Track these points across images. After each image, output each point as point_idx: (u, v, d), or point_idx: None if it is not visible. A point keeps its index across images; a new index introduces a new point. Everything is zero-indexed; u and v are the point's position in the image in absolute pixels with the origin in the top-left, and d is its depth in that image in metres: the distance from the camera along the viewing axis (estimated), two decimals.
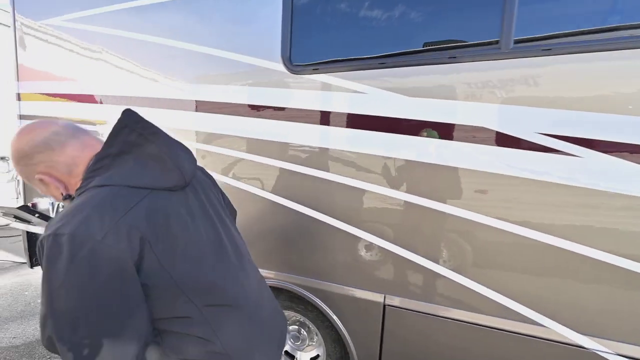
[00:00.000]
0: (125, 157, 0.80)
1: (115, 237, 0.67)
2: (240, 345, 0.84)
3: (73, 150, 0.81)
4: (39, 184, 0.83)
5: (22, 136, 0.81)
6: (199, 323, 0.79)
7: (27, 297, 3.15)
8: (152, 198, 0.78)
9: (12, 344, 2.43)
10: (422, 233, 1.28)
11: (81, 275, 0.66)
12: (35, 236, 2.55)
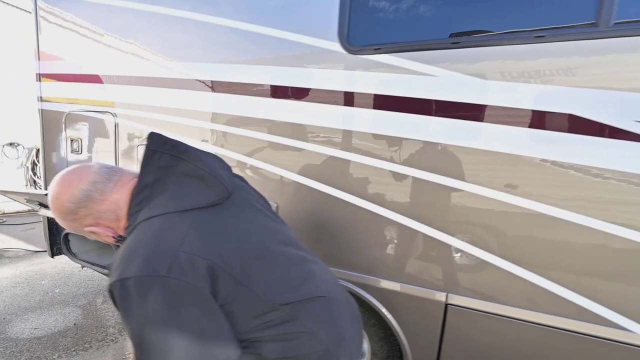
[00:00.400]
0: (163, 182, 0.79)
1: (179, 269, 0.68)
2: (331, 332, 0.83)
3: (114, 195, 0.81)
4: (90, 234, 0.85)
5: (62, 193, 0.80)
6: (286, 322, 0.78)
7: (44, 286, 3.09)
8: (201, 218, 0.78)
9: (34, 335, 2.36)
10: (497, 230, 1.18)
11: (160, 314, 0.67)
12: (56, 224, 2.47)
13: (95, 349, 2.24)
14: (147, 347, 0.67)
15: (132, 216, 0.79)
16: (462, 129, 1.17)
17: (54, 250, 2.51)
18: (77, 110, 2.20)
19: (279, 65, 1.50)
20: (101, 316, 2.63)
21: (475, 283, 1.25)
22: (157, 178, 0.80)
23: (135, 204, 0.79)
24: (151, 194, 0.79)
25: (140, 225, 0.76)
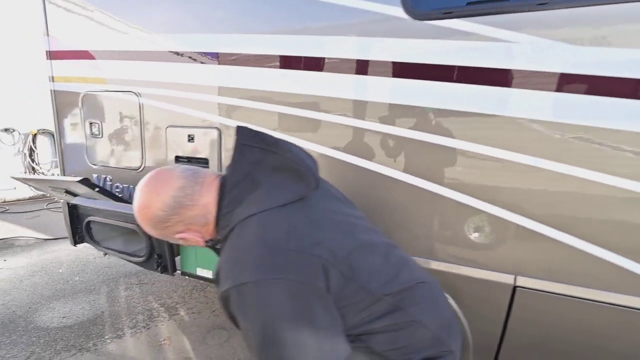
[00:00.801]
0: (254, 178, 0.77)
1: (294, 269, 0.67)
2: (436, 318, 0.82)
3: (202, 198, 0.78)
4: (179, 241, 0.83)
5: (152, 201, 0.76)
6: (391, 312, 0.76)
7: (63, 274, 3.03)
8: (299, 212, 0.76)
9: (64, 324, 2.32)
10: (573, 208, 1.12)
11: (286, 314, 0.65)
12: (78, 211, 2.37)
13: (128, 336, 2.21)
14: (278, 346, 0.64)
15: (224, 217, 0.76)
16: (546, 101, 1.09)
17: (76, 239, 2.42)
18: (95, 91, 2.05)
19: (331, 35, 1.38)
20: (128, 303, 2.59)
21: (547, 263, 1.21)
22: (247, 174, 0.77)
23: (227, 204, 0.76)
24: (243, 192, 0.75)
25: (239, 226, 0.73)
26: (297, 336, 0.65)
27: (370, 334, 0.76)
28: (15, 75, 5.08)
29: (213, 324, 2.38)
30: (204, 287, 2.89)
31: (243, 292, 0.66)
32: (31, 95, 5.20)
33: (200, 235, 0.82)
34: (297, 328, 0.65)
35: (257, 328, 0.66)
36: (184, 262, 2.22)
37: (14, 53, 5.06)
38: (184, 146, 1.87)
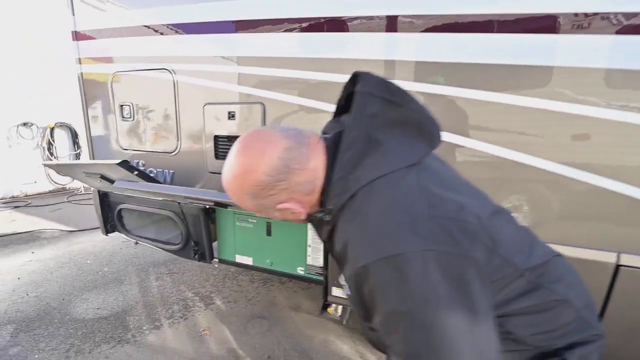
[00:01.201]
0: (371, 135, 0.64)
1: (444, 237, 0.56)
2: (580, 296, 0.70)
3: (310, 161, 0.65)
4: (279, 214, 0.71)
5: (255, 165, 0.63)
6: (533, 290, 0.65)
7: (91, 265, 2.97)
8: (426, 172, 0.65)
9: (99, 315, 2.26)
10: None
11: (434, 296, 0.54)
12: (109, 199, 2.28)
13: (167, 327, 2.14)
14: (428, 332, 0.53)
15: (337, 183, 0.63)
16: None
17: (108, 228, 2.34)
18: (126, 70, 1.93)
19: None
20: (161, 293, 2.52)
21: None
22: (365, 130, 0.64)
23: (340, 167, 0.63)
24: (360, 153, 0.63)
25: (363, 193, 0.62)
26: (451, 319, 0.53)
27: (507, 317, 0.64)
28: (31, 69, 5.03)
29: (252, 313, 2.30)
30: (235, 275, 2.80)
31: (384, 267, 0.55)
32: (48, 89, 5.16)
33: (302, 206, 0.70)
34: (452, 309, 0.53)
35: (402, 310, 0.54)
36: (221, 249, 2.12)
37: (32, 47, 4.99)
38: (223, 124, 1.74)
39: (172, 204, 2.01)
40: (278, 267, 1.99)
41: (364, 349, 1.97)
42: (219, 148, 1.80)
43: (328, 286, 1.75)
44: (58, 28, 4.54)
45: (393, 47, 1.30)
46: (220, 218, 2.04)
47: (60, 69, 4.92)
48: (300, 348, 1.97)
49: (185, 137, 1.87)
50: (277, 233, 1.92)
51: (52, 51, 5.04)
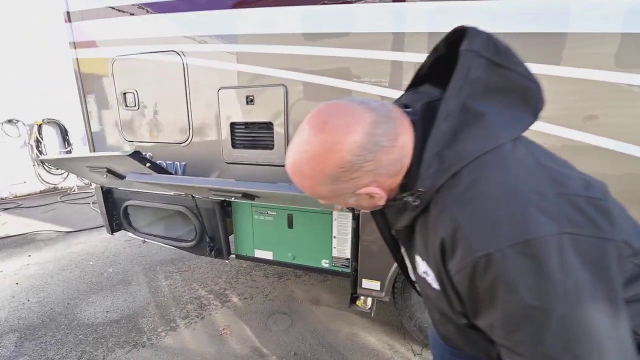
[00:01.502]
0: (472, 105, 0.55)
1: (581, 218, 0.48)
2: None
3: (400, 137, 0.56)
4: (356, 200, 0.61)
5: (337, 142, 0.53)
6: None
7: (95, 267, 2.83)
8: (532, 145, 0.58)
9: (109, 318, 2.13)
10: None
11: (573, 286, 0.46)
12: (113, 196, 2.13)
13: (183, 328, 2.03)
14: (568, 327, 0.46)
15: (432, 161, 0.54)
16: None
17: (113, 226, 2.20)
18: (128, 54, 1.76)
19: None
20: (173, 293, 2.40)
21: None
22: (463, 100, 0.55)
23: (437, 141, 0.54)
24: (459, 125, 0.54)
25: (469, 171, 0.53)
26: (594, 314, 0.45)
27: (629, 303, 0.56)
28: (18, 63, 4.76)
29: (270, 309, 2.20)
30: (248, 270, 2.70)
31: (514, 255, 0.46)
32: (48, 89, 4.96)
33: (383, 190, 0.60)
34: (595, 302, 0.45)
35: (536, 304, 0.46)
36: (239, 245, 2.01)
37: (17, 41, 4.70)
38: (241, 110, 1.61)
39: (185, 198, 1.88)
40: (301, 261, 1.89)
41: (392, 341, 1.90)
42: (236, 136, 1.67)
43: (358, 278, 1.67)
44: (58, 28, 4.36)
45: (440, 18, 1.19)
46: (237, 212, 1.92)
47: (60, 69, 4.73)
48: (327, 343, 1.90)
49: (198, 126, 1.74)
50: (300, 225, 1.82)
51: (52, 51, 4.88)
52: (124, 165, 1.50)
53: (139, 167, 1.46)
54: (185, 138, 1.78)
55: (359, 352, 1.82)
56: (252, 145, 1.66)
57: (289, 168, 0.62)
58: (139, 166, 1.44)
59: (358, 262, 1.63)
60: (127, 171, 1.60)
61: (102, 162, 1.55)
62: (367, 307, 1.75)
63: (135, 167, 1.47)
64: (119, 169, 1.60)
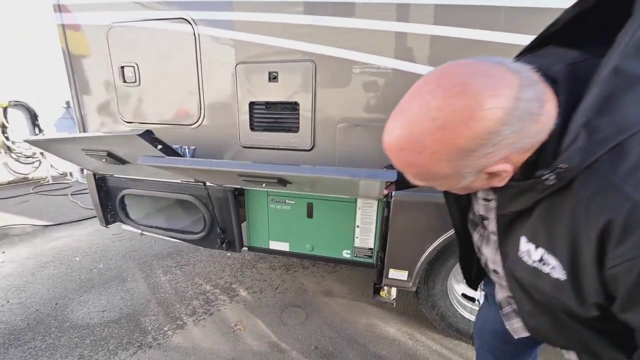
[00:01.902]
0: (631, 68, 0.46)
1: None
2: None
3: (545, 105, 0.47)
4: (466, 180, 0.53)
5: (480, 108, 0.44)
6: None
7: (82, 263, 2.59)
8: None
9: (107, 318, 1.95)
10: None
11: None
12: (107, 185, 1.92)
13: (192, 325, 1.89)
14: None
15: (582, 131, 0.46)
16: None
17: (108, 218, 1.99)
18: (127, 21, 1.55)
19: None
20: (175, 289, 2.24)
21: None
22: (618, 61, 0.46)
23: (588, 108, 0.45)
24: (615, 90, 0.46)
25: (637, 141, 0.44)
26: None
27: None
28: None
29: (282, 302, 2.10)
30: (252, 263, 2.57)
31: None
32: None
33: (513, 168, 0.51)
34: None
35: None
36: (252, 236, 1.88)
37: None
38: (262, 88, 1.46)
39: (194, 186, 1.71)
40: (320, 252, 1.79)
41: (411, 330, 1.87)
42: (255, 117, 1.52)
43: (384, 269, 1.60)
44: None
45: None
46: (251, 201, 1.78)
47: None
48: (346, 335, 1.83)
49: (211, 106, 1.56)
50: (320, 215, 1.71)
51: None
52: (129, 147, 1.31)
53: (148, 149, 1.28)
54: (195, 119, 1.60)
55: (380, 343, 1.77)
56: (274, 128, 1.51)
57: (395, 142, 0.51)
58: (149, 148, 1.26)
59: (386, 251, 1.56)
60: (130, 154, 1.41)
61: (103, 144, 1.35)
62: (391, 298, 1.69)
63: (144, 149, 1.29)
64: (122, 152, 1.41)
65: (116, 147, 1.37)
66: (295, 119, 1.47)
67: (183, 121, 1.63)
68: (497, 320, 1.04)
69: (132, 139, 1.23)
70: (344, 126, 1.42)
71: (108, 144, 1.35)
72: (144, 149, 1.30)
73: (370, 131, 1.39)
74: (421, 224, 1.47)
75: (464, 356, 1.67)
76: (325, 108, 1.43)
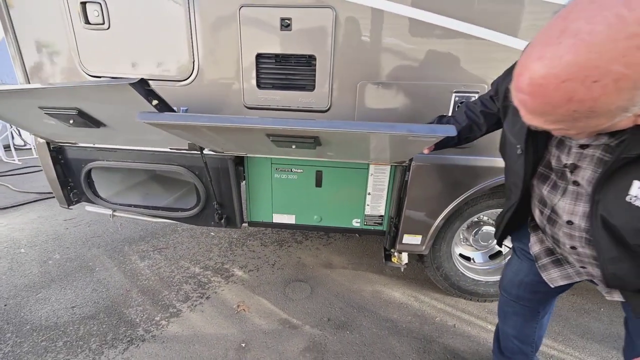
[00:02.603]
0: None
1: None
2: None
3: None
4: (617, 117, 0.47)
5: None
6: None
7: (29, 255, 2.16)
8: None
9: (79, 314, 1.66)
10: None
11: None
12: (67, 157, 1.56)
13: (188, 311, 1.70)
14: None
15: None
16: None
17: (71, 197, 1.65)
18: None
19: None
20: (158, 275, 1.99)
21: None
22: None
23: None
24: None
25: None
26: None
27: None
28: None
29: (283, 278, 2.00)
30: (241, 240, 2.40)
31: None
32: None
33: None
34: None
35: None
36: (253, 210, 1.71)
37: None
38: (272, 37, 1.26)
39: (185, 156, 1.47)
40: (329, 223, 1.70)
41: (415, 292, 1.92)
42: (263, 73, 1.31)
43: (398, 234, 1.57)
44: None
45: None
46: (253, 171, 1.60)
47: None
48: (355, 303, 1.81)
49: (207, 57, 1.31)
50: (329, 183, 1.60)
51: None
52: (112, 101, 1.03)
53: (139, 105, 1.02)
54: (187, 74, 1.34)
55: (389, 308, 1.79)
56: (285, 85, 1.33)
57: (559, 72, 0.43)
58: (140, 103, 1.01)
59: (401, 217, 1.53)
60: (110, 113, 1.13)
61: (73, 99, 1.05)
62: (403, 263, 1.70)
63: (132, 105, 1.02)
64: (99, 111, 1.11)
65: (92, 103, 1.07)
66: (311, 75, 1.30)
67: (171, 76, 1.36)
68: (528, 273, 1.07)
69: (120, 89, 0.96)
70: (365, 84, 1.30)
71: (81, 98, 1.05)
72: (133, 104, 1.04)
73: (395, 90, 1.29)
74: (438, 189, 1.46)
75: (465, 311, 1.77)
76: (345, 63, 1.28)
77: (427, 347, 1.52)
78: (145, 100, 1.00)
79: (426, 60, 1.24)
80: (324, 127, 0.85)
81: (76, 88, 1.00)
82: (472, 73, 1.24)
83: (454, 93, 1.27)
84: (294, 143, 1.02)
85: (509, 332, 1.15)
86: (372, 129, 0.83)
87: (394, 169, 1.53)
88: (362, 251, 2.34)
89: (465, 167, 1.38)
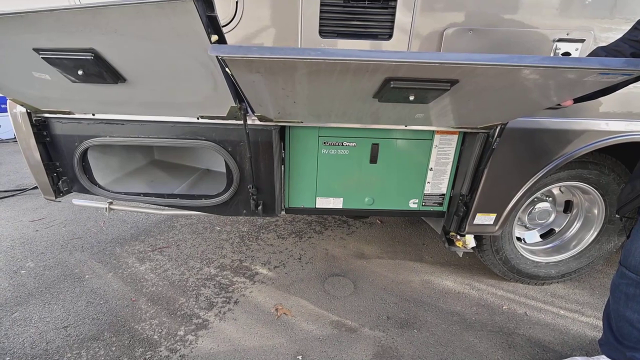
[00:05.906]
0: None
1: None
2: None
3: None
4: None
5: None
6: None
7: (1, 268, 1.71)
8: None
9: (76, 336, 1.29)
10: None
11: None
12: (54, 135, 1.17)
13: (217, 321, 1.39)
14: None
15: None
16: None
17: (60, 187, 1.26)
18: None
19: None
20: (168, 279, 1.64)
21: None
22: None
23: None
24: None
25: None
26: None
27: None
28: None
29: (317, 273, 1.74)
30: (253, 234, 2.09)
31: None
32: None
33: None
34: None
35: None
36: (293, 195, 1.42)
37: None
38: None
39: (218, 127, 1.16)
40: (382, 206, 1.47)
41: (467, 280, 1.75)
42: (326, 17, 1.03)
43: (470, 214, 1.38)
44: None
45: None
46: (295, 146, 1.31)
47: None
48: (409, 297, 1.61)
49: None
50: (386, 159, 1.37)
51: None
52: (148, 35, 0.71)
53: (190, 41, 0.71)
54: (229, 16, 1.03)
55: (448, 299, 1.61)
56: (355, 33, 1.06)
57: None
58: (191, 38, 0.70)
59: (476, 193, 1.33)
60: (135, 62, 0.80)
61: (91, 31, 0.71)
62: (469, 247, 1.51)
63: (179, 40, 0.71)
64: (121, 54, 0.78)
65: (117, 41, 0.74)
66: (389, 20, 1.05)
67: None
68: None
69: (178, 9, 0.64)
70: (454, 31, 1.08)
71: (103, 31, 0.71)
72: (179, 41, 0.72)
73: (488, 38, 1.08)
74: (526, 158, 1.28)
75: (529, 296, 1.64)
76: (430, 6, 1.04)
77: (510, 341, 1.36)
78: (204, 32, 0.69)
79: (525, 3, 1.04)
80: (484, 61, 0.61)
81: (104, 9, 0.66)
82: (577, 20, 1.06)
83: (555, 42, 1.08)
84: (422, 90, 0.76)
85: (633, 318, 1.00)
86: (553, 63, 0.60)
87: (464, 139, 1.33)
88: (392, 238, 2.14)
89: (557, 132, 1.21)
